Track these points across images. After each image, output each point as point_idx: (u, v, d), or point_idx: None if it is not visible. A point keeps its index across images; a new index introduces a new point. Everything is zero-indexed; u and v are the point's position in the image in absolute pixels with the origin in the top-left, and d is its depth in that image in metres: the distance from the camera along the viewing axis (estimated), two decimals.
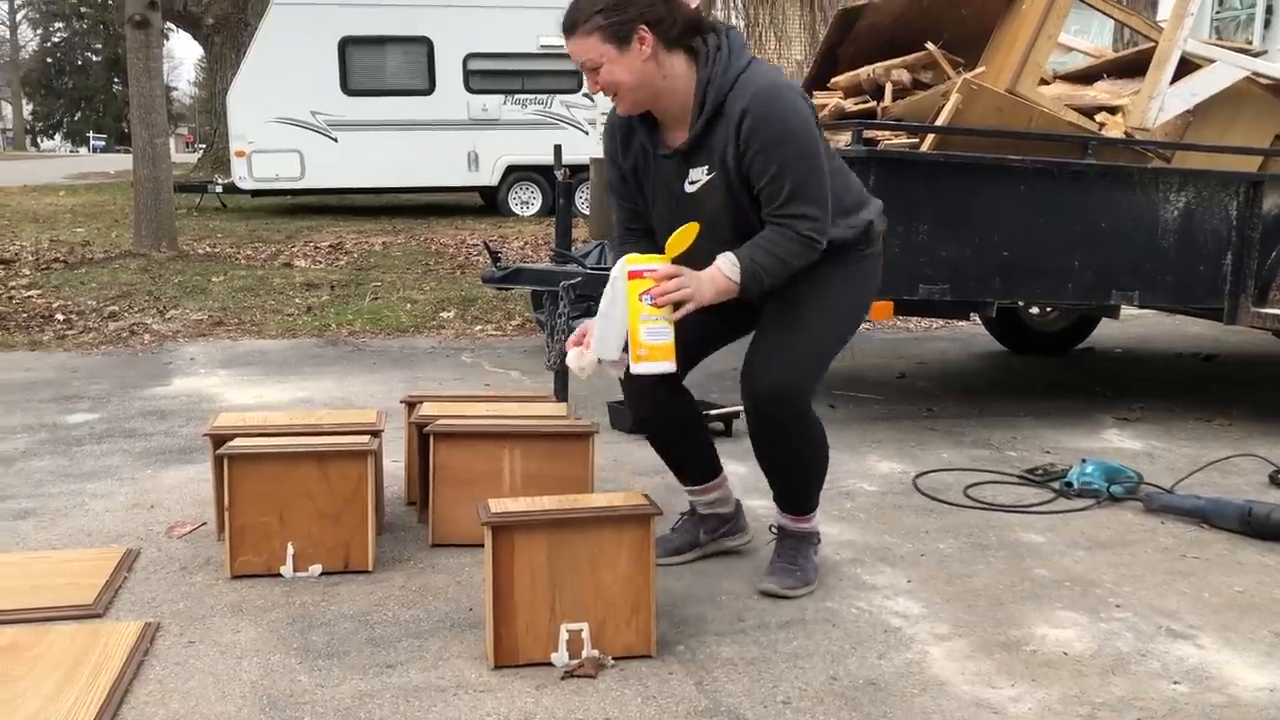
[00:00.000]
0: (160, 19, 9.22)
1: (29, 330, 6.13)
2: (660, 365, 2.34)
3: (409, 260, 9.13)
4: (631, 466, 3.66)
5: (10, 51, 57.08)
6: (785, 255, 2.34)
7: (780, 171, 2.30)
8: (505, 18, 13.04)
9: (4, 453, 3.75)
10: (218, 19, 18.09)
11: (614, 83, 2.35)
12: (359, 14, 12.84)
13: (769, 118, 2.30)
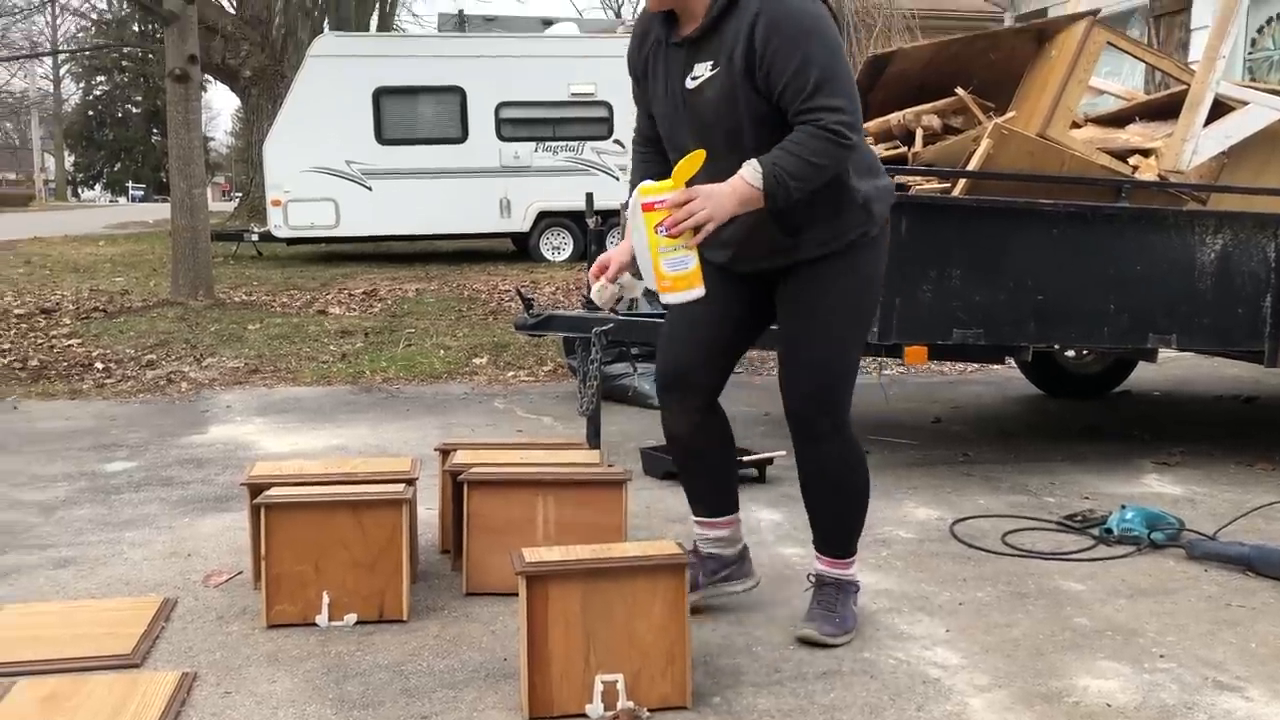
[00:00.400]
0: (199, 73, 9.42)
1: (69, 379, 6.22)
2: (687, 294, 2.26)
3: (442, 306, 9.20)
4: (664, 513, 3.65)
5: (54, 105, 58.37)
6: (811, 155, 2.19)
7: (804, 63, 2.18)
8: (536, 67, 13.21)
9: (45, 501, 3.79)
10: (254, 71, 18.44)
11: None
12: (393, 65, 13.05)
13: (789, 13, 2.21)
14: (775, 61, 2.20)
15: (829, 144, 2.20)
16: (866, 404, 5.48)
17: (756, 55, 2.22)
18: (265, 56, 18.41)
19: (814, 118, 2.19)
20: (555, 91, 13.23)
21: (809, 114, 2.20)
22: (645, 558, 2.33)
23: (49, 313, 8.45)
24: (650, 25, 2.44)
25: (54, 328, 7.79)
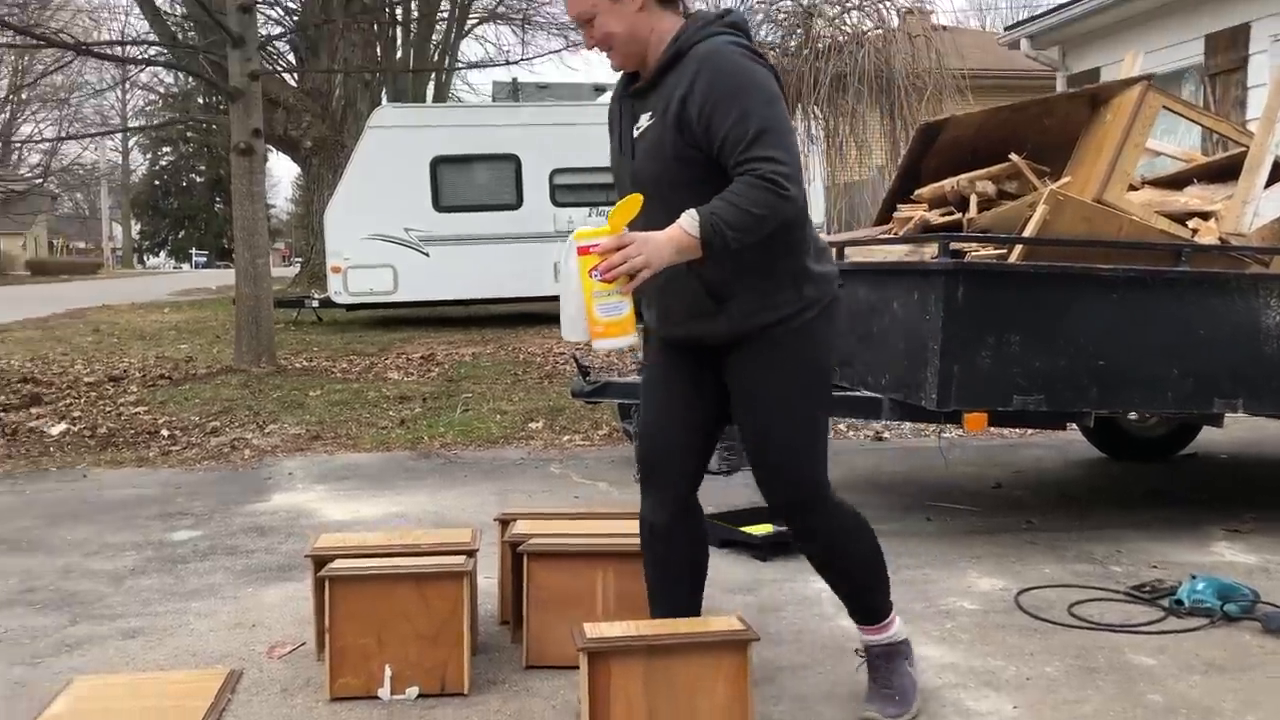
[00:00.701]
0: (263, 146, 9.70)
1: (136, 446, 6.36)
2: (618, 340, 2.24)
3: (498, 370, 9.29)
4: (723, 583, 3.63)
5: (122, 176, 60.27)
6: (750, 204, 2.16)
7: (744, 115, 2.18)
8: (589, 134, 13.38)
9: (115, 571, 3.87)
10: (315, 141, 18.93)
11: (607, 34, 2.34)
12: (450, 135, 13.35)
13: (730, 69, 2.23)
14: (715, 114, 2.21)
15: (767, 193, 2.17)
16: (926, 469, 5.44)
17: (696, 108, 2.23)
18: (325, 127, 18.91)
19: (752, 167, 2.18)
20: (608, 157, 13.40)
21: (748, 164, 2.19)
22: (707, 634, 2.32)
23: (117, 380, 8.66)
24: (622, 83, 2.50)
25: (122, 395, 7.97)
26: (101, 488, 5.34)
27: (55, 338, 12.68)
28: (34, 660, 3.01)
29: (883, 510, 4.61)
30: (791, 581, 3.63)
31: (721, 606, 3.35)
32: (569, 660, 2.85)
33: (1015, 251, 3.81)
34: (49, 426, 6.88)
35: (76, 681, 2.79)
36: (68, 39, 10.72)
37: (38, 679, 2.87)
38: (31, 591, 3.65)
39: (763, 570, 3.77)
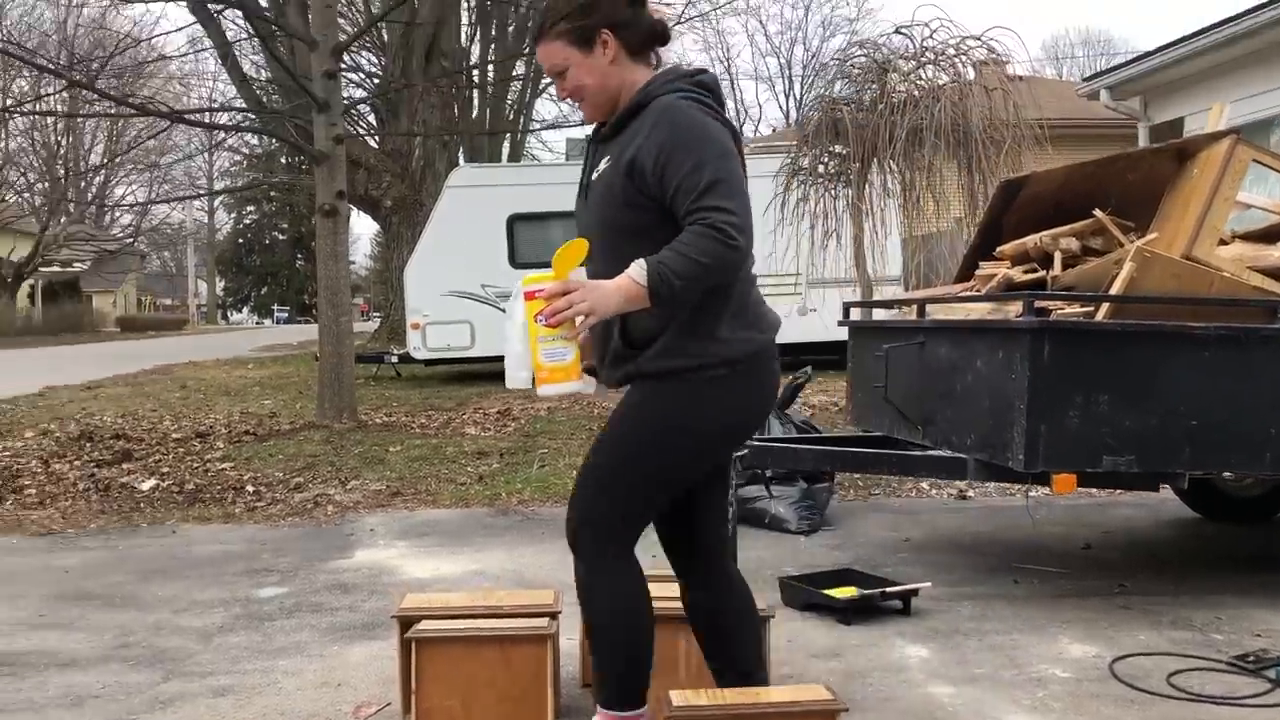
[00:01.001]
0: (347, 207, 9.96)
1: (222, 502, 6.50)
2: (563, 386, 2.25)
3: (573, 425, 9.33)
4: (807, 648, 3.58)
5: (207, 235, 62.26)
6: (698, 253, 2.14)
7: (697, 165, 2.19)
8: None
9: (204, 628, 3.94)
10: (395, 201, 19.38)
11: (579, 86, 2.37)
12: (525, 192, 13.58)
13: (686, 121, 2.25)
14: (669, 163, 2.21)
15: (715, 242, 2.15)
16: (1011, 528, 5.32)
17: (651, 158, 2.24)
18: (405, 187, 19.35)
19: (702, 216, 2.17)
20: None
21: (698, 213, 2.17)
22: (795, 703, 2.29)
23: (204, 436, 8.88)
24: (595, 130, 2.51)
25: (208, 451, 8.17)
26: (190, 544, 5.46)
27: (145, 394, 13.06)
28: (129, 717, 3.07)
29: (967, 571, 4.52)
30: (877, 646, 3.57)
31: (806, 672, 3.31)
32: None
33: (1103, 309, 3.74)
34: (139, 482, 7.07)
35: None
36: (163, 107, 11.15)
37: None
38: (125, 647, 3.73)
39: (847, 634, 3.71)
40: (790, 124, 37.58)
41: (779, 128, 38.69)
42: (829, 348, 12.50)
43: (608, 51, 2.34)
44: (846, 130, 7.93)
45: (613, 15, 2.34)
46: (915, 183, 7.85)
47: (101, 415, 10.35)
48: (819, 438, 5.19)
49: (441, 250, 13.27)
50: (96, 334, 41.14)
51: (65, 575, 4.78)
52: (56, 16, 32.12)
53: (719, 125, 2.28)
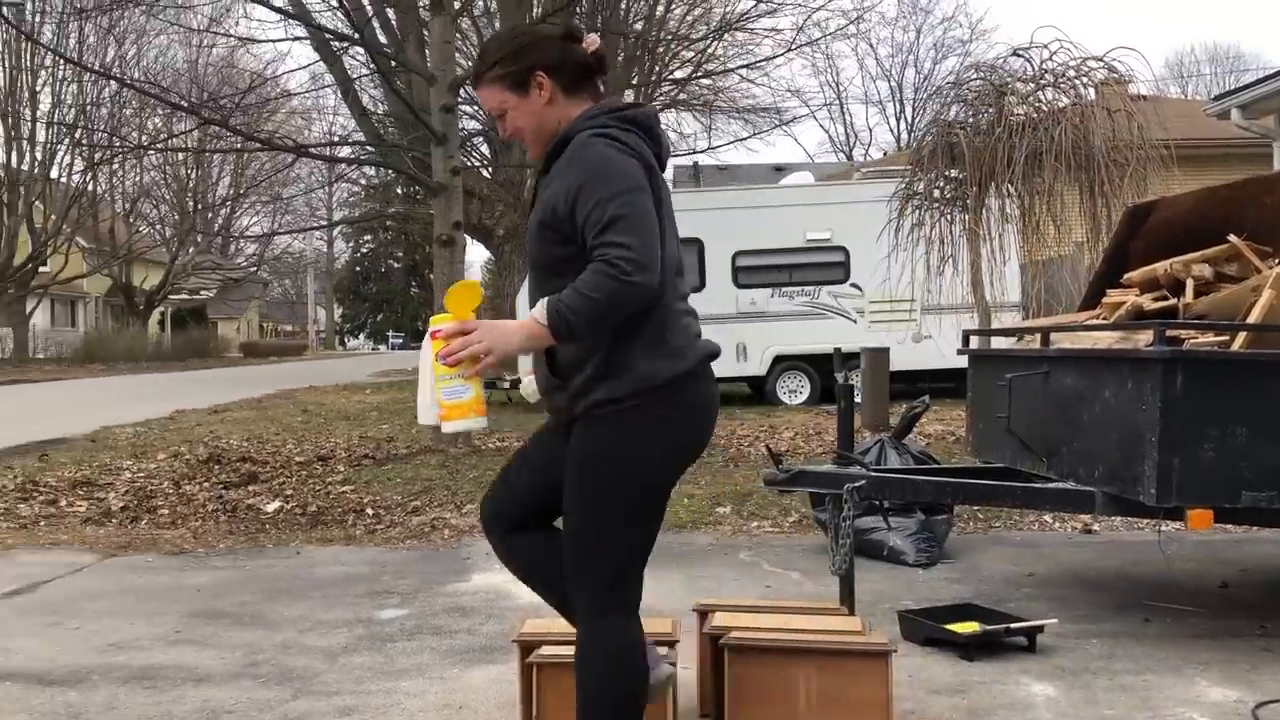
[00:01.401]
0: (463, 236, 10.19)
1: (344, 525, 6.68)
2: (463, 423, 2.30)
3: None
4: (927, 683, 3.51)
5: (326, 263, 64.31)
6: (590, 289, 2.15)
7: (602, 201, 2.20)
8: (771, 216, 13.55)
9: (328, 648, 4.05)
10: (507, 230, 19.75)
11: (518, 127, 2.43)
12: None
13: (592, 158, 2.26)
14: (578, 199, 2.24)
15: (606, 278, 2.15)
16: (1141, 564, 5.13)
17: (564, 196, 2.27)
18: (517, 215, 19.69)
19: (601, 253, 2.18)
20: (791, 239, 13.50)
21: (598, 249, 2.19)
22: None
23: (325, 460, 9.15)
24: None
25: (329, 474, 8.41)
26: (313, 565, 5.62)
27: (268, 418, 13.52)
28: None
29: (1094, 608, 4.37)
30: (1002, 684, 3.48)
31: (928, 709, 3.24)
32: None
33: (1239, 339, 3.60)
34: (265, 504, 7.31)
35: None
36: (289, 142, 11.60)
37: None
38: (255, 665, 3.85)
39: (970, 670, 3.62)
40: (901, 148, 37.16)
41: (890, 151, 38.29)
42: (944, 375, 12.34)
43: (543, 93, 2.40)
44: (963, 154, 7.81)
45: (544, 58, 2.40)
46: (1035, 207, 7.68)
47: (228, 438, 10.75)
48: (938, 469, 5.09)
49: None
50: (221, 359, 42.80)
51: (197, 593, 4.97)
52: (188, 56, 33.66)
53: (628, 160, 2.29)
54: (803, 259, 13.63)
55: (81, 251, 38.55)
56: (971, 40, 46.10)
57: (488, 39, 2.53)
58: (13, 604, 4.81)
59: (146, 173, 40.75)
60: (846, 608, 3.74)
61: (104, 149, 28.72)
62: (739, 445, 9.73)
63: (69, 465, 9.08)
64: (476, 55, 2.49)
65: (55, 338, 40.33)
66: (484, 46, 2.47)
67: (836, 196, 13.93)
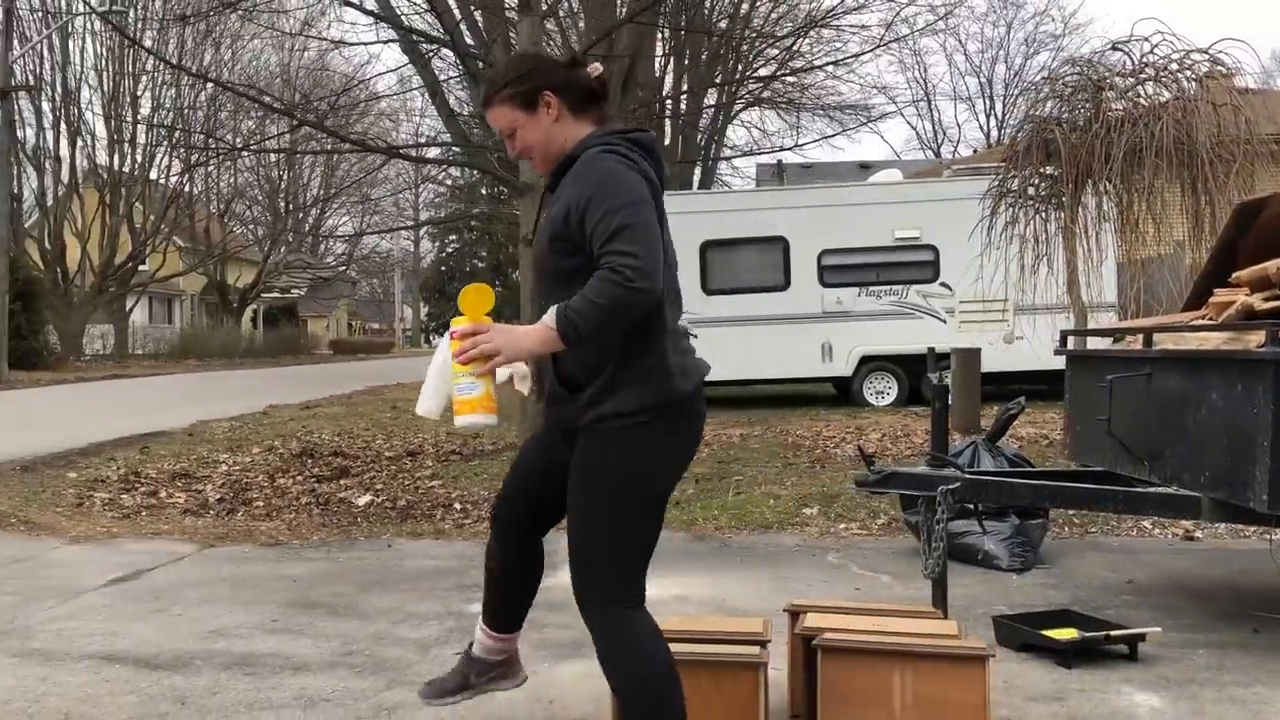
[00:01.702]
0: None
1: (432, 519, 6.78)
2: (473, 417, 2.46)
3: (767, 453, 9.29)
4: (1024, 690, 3.43)
5: (413, 263, 65.37)
6: (597, 295, 2.27)
7: (609, 212, 2.33)
8: (859, 214, 13.41)
9: (421, 639, 4.11)
10: None
11: (526, 145, 2.59)
12: (719, 219, 13.67)
13: (600, 171, 2.41)
14: (587, 210, 2.37)
15: (613, 285, 2.26)
16: (1249, 573, 4.96)
17: (572, 208, 2.40)
18: None
19: (607, 260, 2.30)
20: (879, 237, 13.32)
21: (604, 257, 2.31)
22: None
23: (414, 455, 9.30)
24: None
25: (418, 470, 8.55)
26: (404, 558, 5.71)
27: (358, 413, 13.79)
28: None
29: (1199, 617, 4.23)
30: (1102, 692, 3.39)
31: (1026, 715, 3.18)
32: None
33: None
34: (356, 497, 7.46)
35: None
36: (379, 143, 11.80)
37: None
38: (350, 654, 3.93)
39: (1068, 678, 3.53)
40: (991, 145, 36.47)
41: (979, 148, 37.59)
42: (1037, 377, 12.07)
43: (550, 111, 2.56)
44: (1058, 150, 7.62)
45: (551, 79, 2.57)
46: (1134, 205, 7.46)
47: (320, 433, 10.99)
48: (1035, 472, 4.98)
49: None
50: (311, 356, 43.81)
51: (293, 584, 5.08)
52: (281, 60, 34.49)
53: (634, 175, 2.43)
54: (891, 258, 13.44)
55: (178, 251, 39.77)
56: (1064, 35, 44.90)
57: (499, 69, 2.71)
58: (121, 590, 4.97)
59: (240, 174, 41.90)
60: (940, 611, 3.67)
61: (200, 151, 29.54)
62: (825, 446, 9.65)
63: (168, 458, 9.37)
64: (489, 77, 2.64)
65: (153, 334, 41.68)
66: (493, 71, 2.64)
67: (926, 194, 13.73)
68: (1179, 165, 7.15)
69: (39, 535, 6.25)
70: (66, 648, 4.01)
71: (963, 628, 3.17)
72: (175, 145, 34.41)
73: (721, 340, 13.42)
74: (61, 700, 3.42)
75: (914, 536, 5.48)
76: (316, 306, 59.52)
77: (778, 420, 12.07)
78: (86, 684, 3.58)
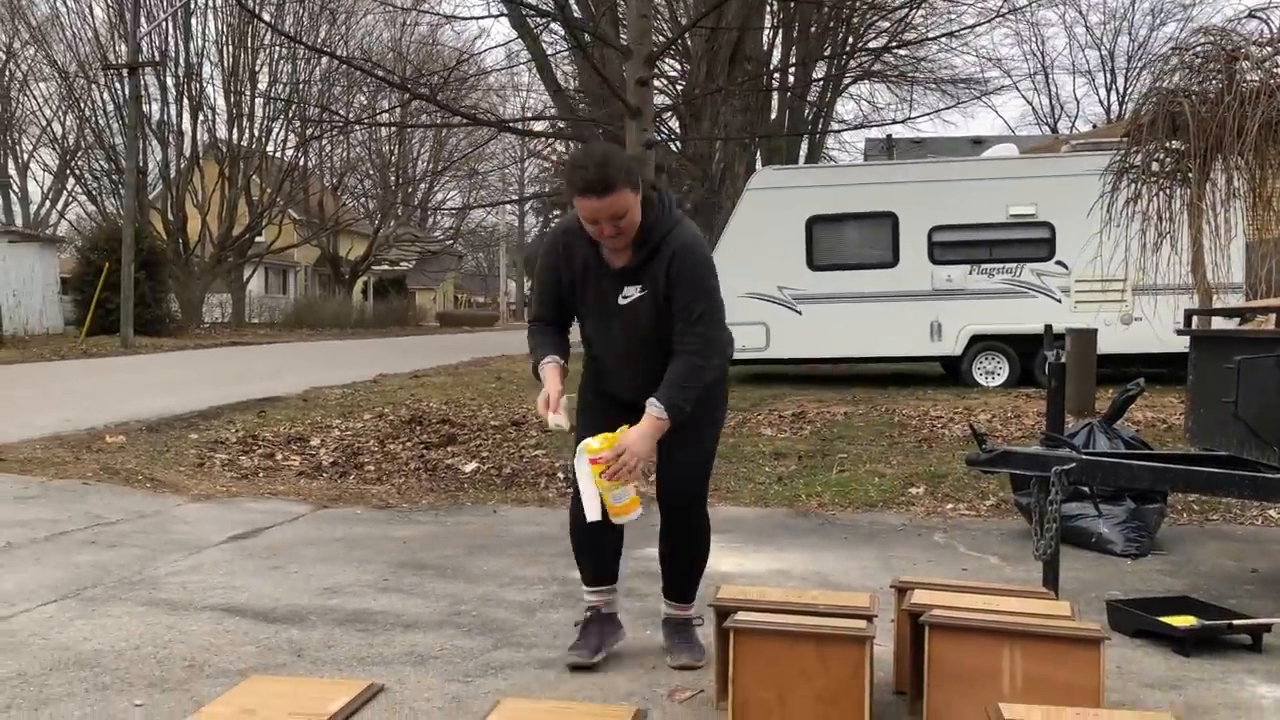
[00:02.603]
0: None
1: (536, 487, 6.87)
2: (631, 515, 3.23)
3: (872, 431, 9.17)
4: (1138, 676, 3.34)
5: (517, 237, 66.08)
6: (687, 381, 3.12)
7: (696, 297, 3.12)
8: (972, 189, 13.07)
9: (526, 602, 4.18)
10: (695, 204, 19.78)
11: (632, 222, 3.09)
12: (827, 194, 13.47)
13: (694, 261, 3.14)
14: (676, 291, 3.12)
15: (698, 369, 3.14)
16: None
17: (672, 284, 3.12)
18: (704, 190, 19.72)
19: (689, 344, 3.13)
20: (992, 213, 12.97)
21: (688, 337, 3.13)
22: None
23: (518, 425, 9.42)
24: (574, 247, 3.25)
25: (523, 439, 8.66)
26: (509, 523, 5.81)
27: (464, 383, 14.03)
28: (465, 679, 3.30)
29: None
30: (1222, 682, 3.28)
31: (1140, 702, 3.09)
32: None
33: None
34: (463, 464, 7.60)
35: (504, 703, 3.03)
36: (488, 117, 11.94)
37: (470, 695, 3.15)
38: (459, 614, 4.02)
39: (1185, 666, 3.42)
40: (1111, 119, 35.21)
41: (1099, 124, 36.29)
42: (1156, 360, 11.65)
43: (638, 193, 3.10)
44: (1186, 124, 7.29)
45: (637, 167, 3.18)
46: (1267, 181, 7.11)
47: (428, 402, 11.21)
48: (1156, 454, 4.82)
49: (739, 252, 13.38)
50: (419, 327, 44.72)
51: (403, 545, 5.22)
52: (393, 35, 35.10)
53: (712, 265, 3.20)
54: (1004, 235, 13.07)
55: (293, 223, 40.93)
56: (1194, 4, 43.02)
57: (601, 159, 3.07)
58: (240, 546, 5.17)
59: (352, 149, 42.86)
60: (1052, 593, 3.59)
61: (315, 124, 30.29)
62: (932, 426, 9.47)
63: (284, 422, 9.67)
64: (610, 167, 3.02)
65: (268, 304, 43.03)
66: (606, 163, 3.02)
67: (1042, 170, 13.31)
68: None
69: (163, 493, 6.53)
70: (190, 599, 4.19)
71: (1076, 610, 3.09)
72: (291, 119, 35.36)
73: (827, 317, 13.29)
74: (186, 648, 3.57)
75: (1024, 519, 5.36)
76: (424, 279, 60.67)
77: (883, 399, 11.90)
78: (209, 633, 3.74)
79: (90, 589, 4.31)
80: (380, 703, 3.09)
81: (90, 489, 6.43)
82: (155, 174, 35.72)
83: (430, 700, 3.11)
